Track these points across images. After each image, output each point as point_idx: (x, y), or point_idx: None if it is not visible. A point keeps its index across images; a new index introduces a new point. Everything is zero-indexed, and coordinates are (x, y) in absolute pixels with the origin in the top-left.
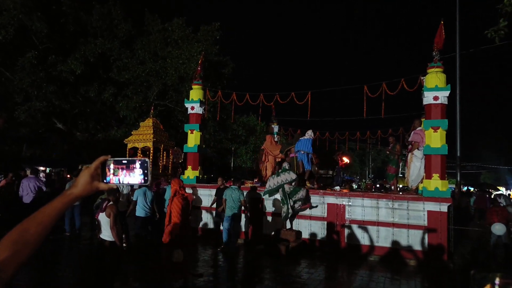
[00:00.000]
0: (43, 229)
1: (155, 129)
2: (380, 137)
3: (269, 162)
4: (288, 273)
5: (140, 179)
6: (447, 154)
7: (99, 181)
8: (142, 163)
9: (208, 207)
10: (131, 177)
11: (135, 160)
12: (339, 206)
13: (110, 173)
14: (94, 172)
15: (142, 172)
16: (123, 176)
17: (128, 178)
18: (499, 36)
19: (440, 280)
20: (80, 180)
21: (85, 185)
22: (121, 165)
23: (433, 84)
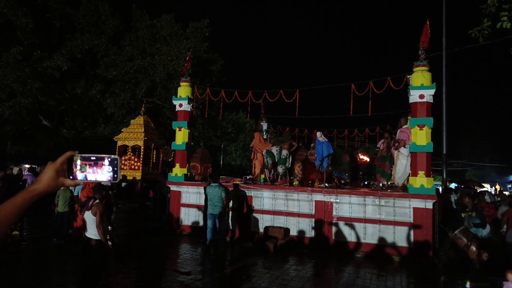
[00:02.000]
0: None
1: (146, 127)
2: (368, 135)
3: (258, 160)
4: (276, 270)
5: (109, 176)
6: (432, 151)
7: (65, 177)
8: (112, 161)
9: (196, 205)
10: (99, 174)
11: (104, 157)
12: (327, 203)
13: (77, 169)
14: (60, 167)
15: (112, 170)
16: (91, 173)
17: (96, 175)
18: (483, 36)
19: (425, 276)
20: (45, 175)
21: (50, 181)
22: (89, 162)
23: (419, 82)
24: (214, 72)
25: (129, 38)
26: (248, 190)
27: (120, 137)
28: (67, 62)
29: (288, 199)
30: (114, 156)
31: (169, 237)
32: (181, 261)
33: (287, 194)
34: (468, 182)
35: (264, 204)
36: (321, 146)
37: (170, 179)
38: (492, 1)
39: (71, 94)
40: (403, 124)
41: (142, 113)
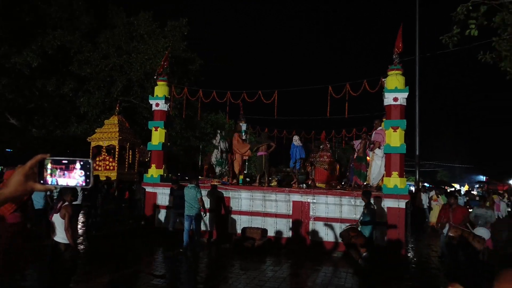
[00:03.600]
0: None
1: (121, 127)
2: (345, 136)
3: (236, 161)
4: (253, 271)
5: (81, 180)
6: (405, 153)
7: (35, 182)
8: (84, 164)
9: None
10: (70, 179)
11: (76, 160)
12: (304, 203)
13: (47, 173)
14: (29, 171)
15: (84, 174)
16: (62, 177)
17: (67, 180)
18: (453, 42)
19: (398, 274)
20: (13, 179)
21: (18, 185)
22: (60, 165)
23: (393, 85)
24: (193, 72)
25: (104, 35)
26: (226, 191)
27: (94, 137)
28: (37, 58)
29: (266, 199)
30: (86, 159)
31: (144, 239)
32: (156, 264)
33: (265, 195)
34: (440, 182)
35: (242, 205)
36: (296, 149)
37: (145, 180)
38: (462, 9)
39: (42, 91)
40: (378, 126)
41: (116, 113)
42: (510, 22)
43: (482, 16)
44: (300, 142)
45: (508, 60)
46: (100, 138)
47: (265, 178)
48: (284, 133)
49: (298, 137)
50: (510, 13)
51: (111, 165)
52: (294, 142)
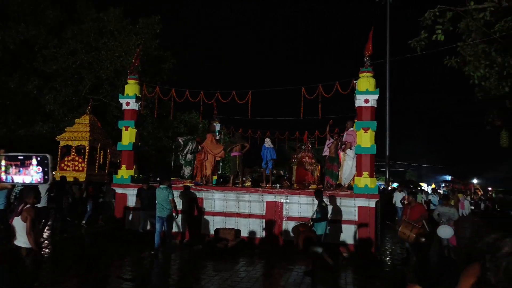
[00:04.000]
0: None
1: (92, 127)
2: (318, 137)
3: (209, 161)
4: (225, 272)
5: (39, 177)
6: (375, 153)
7: None
8: (41, 160)
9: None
10: (26, 176)
11: (32, 156)
12: (277, 203)
13: (1, 170)
14: None
15: (42, 170)
16: (18, 174)
17: (23, 177)
18: (420, 46)
19: (368, 272)
20: None
21: None
22: (15, 162)
23: (364, 87)
24: (166, 71)
25: (72, 30)
26: (198, 192)
27: (63, 136)
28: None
29: (240, 200)
30: (43, 154)
31: (114, 242)
32: (125, 267)
33: (239, 195)
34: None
35: (215, 205)
36: (267, 151)
37: (115, 181)
38: (429, 14)
39: (3, 88)
40: (350, 127)
41: (88, 112)
42: (473, 29)
43: (448, 22)
44: (272, 144)
45: (472, 65)
46: (70, 138)
47: (239, 179)
48: (258, 133)
49: (269, 139)
50: (473, 20)
51: (81, 166)
52: (265, 144)
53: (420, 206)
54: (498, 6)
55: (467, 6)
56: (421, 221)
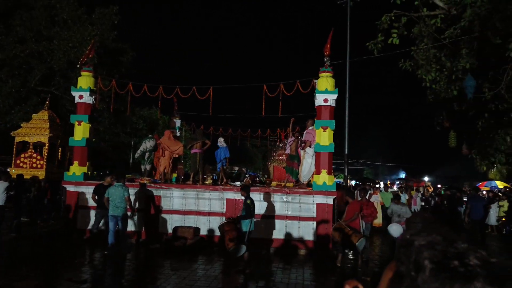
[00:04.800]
0: None
1: (52, 123)
2: (279, 135)
3: (165, 158)
4: (183, 271)
5: None
6: (334, 151)
7: None
8: None
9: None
10: None
11: None
12: (238, 201)
13: None
14: None
15: None
16: None
17: None
18: (377, 48)
19: (324, 267)
20: None
21: None
22: None
23: (323, 87)
24: (124, 64)
25: (20, 16)
26: (156, 190)
27: (19, 132)
28: None
29: (199, 198)
30: None
31: (65, 242)
32: (77, 269)
33: (198, 193)
34: (365, 179)
35: (174, 203)
36: (220, 150)
37: (66, 179)
38: (386, 18)
39: None
40: (309, 125)
41: (46, 108)
42: (426, 34)
43: (403, 26)
44: (225, 143)
45: (424, 68)
46: (27, 134)
47: (200, 176)
48: (220, 130)
49: (222, 138)
50: (426, 26)
51: (39, 163)
52: (218, 143)
53: (355, 205)
54: (448, 13)
55: (420, 12)
56: (356, 220)
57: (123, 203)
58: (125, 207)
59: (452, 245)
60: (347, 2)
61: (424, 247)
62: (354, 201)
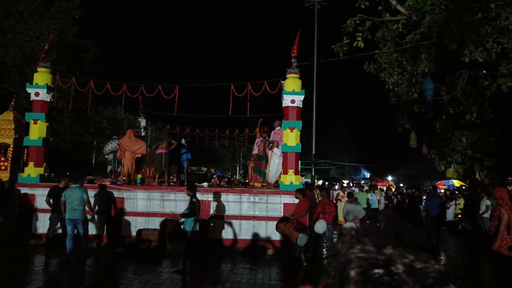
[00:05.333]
0: None
1: (17, 124)
2: (248, 135)
3: (126, 159)
4: (147, 274)
5: None
6: (300, 152)
7: None
8: None
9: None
10: None
11: None
12: (204, 202)
13: None
14: None
15: None
16: None
17: None
18: (343, 51)
19: (290, 266)
20: None
21: None
22: None
23: (290, 88)
24: (86, 61)
25: None
26: (119, 192)
27: None
28: None
29: (165, 199)
30: None
31: (19, 248)
32: (32, 276)
33: (164, 195)
34: (332, 179)
35: (138, 205)
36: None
37: (20, 180)
38: (351, 22)
39: None
40: (277, 126)
41: (11, 108)
42: (389, 38)
43: (367, 30)
44: (186, 144)
45: (387, 71)
46: None
47: (165, 177)
48: (187, 130)
49: (184, 140)
50: (389, 30)
51: (3, 165)
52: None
53: (304, 202)
54: (409, 19)
55: (383, 17)
56: (303, 216)
57: (81, 205)
58: (83, 209)
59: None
60: (314, 4)
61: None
62: (304, 199)
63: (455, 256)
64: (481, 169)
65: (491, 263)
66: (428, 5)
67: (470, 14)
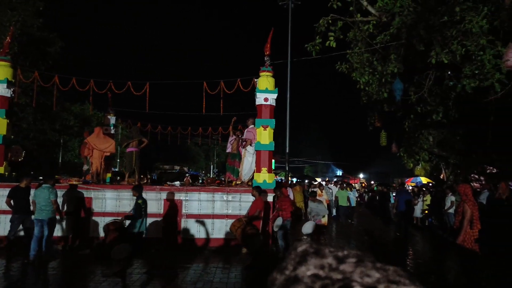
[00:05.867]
0: None
1: None
2: (221, 133)
3: (95, 157)
4: (115, 276)
5: None
6: (274, 150)
7: None
8: None
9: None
10: None
11: None
12: (177, 201)
13: None
14: None
15: None
16: None
17: None
18: (315, 50)
19: (264, 264)
20: None
21: None
22: None
23: (264, 86)
24: (51, 55)
25: None
26: (87, 191)
27: None
28: None
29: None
30: None
31: None
32: None
33: None
34: (306, 177)
35: (107, 205)
36: None
37: None
38: (323, 21)
39: None
40: (250, 124)
41: None
42: (360, 39)
43: (339, 30)
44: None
45: (358, 71)
46: None
47: (135, 176)
48: (159, 128)
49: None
50: (360, 31)
51: None
52: None
53: (258, 201)
54: (379, 20)
55: (355, 17)
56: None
57: (48, 206)
58: (50, 210)
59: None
60: (288, 3)
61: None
62: (260, 197)
63: (422, 250)
64: (446, 166)
65: (455, 256)
66: (397, 7)
67: (436, 16)
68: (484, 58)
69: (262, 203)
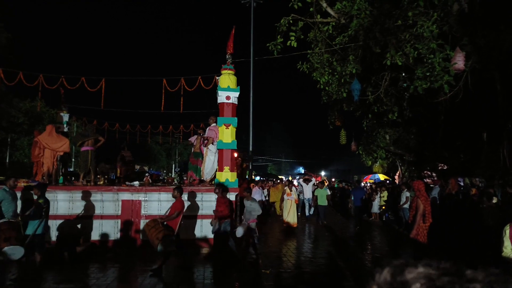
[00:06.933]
0: None
1: None
2: (183, 132)
3: (46, 157)
4: (69, 283)
5: None
6: (236, 148)
7: None
8: None
9: None
10: None
11: None
12: (135, 202)
13: None
14: None
15: None
16: None
17: None
18: (277, 49)
19: (226, 264)
20: None
21: None
22: None
23: (225, 84)
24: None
25: None
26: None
27: None
28: None
29: (90, 200)
30: None
31: None
32: None
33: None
34: (270, 175)
35: (59, 207)
36: None
37: None
38: (284, 21)
39: None
40: (212, 122)
41: None
42: (320, 39)
43: (299, 30)
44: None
45: (318, 71)
46: None
47: (91, 177)
48: (116, 126)
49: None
50: (320, 32)
51: None
52: None
53: (178, 202)
54: (338, 22)
55: (315, 18)
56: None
57: None
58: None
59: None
60: (250, 2)
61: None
62: (180, 198)
63: (379, 244)
64: (402, 163)
65: (409, 249)
66: (355, 9)
67: (391, 20)
68: (435, 61)
69: (181, 204)
